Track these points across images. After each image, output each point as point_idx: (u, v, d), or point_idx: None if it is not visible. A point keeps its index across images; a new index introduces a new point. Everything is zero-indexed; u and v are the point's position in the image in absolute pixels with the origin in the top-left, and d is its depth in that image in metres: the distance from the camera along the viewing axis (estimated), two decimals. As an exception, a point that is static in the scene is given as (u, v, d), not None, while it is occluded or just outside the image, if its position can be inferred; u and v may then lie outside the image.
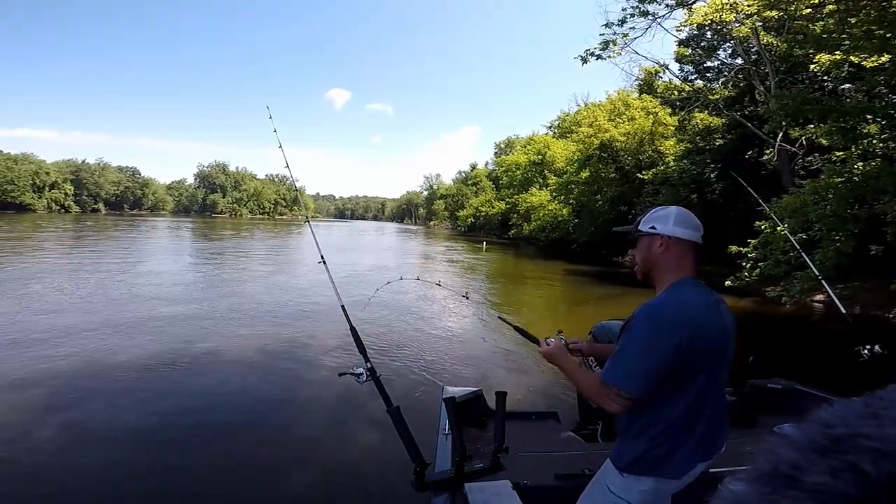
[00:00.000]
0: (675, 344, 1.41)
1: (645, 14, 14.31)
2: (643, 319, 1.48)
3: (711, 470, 1.92)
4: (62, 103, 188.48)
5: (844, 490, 0.25)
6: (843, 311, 3.28)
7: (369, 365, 2.16)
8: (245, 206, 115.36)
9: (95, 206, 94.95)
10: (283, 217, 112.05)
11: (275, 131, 2.91)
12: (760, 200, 4.00)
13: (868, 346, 2.84)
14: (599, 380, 1.51)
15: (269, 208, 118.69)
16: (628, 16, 14.39)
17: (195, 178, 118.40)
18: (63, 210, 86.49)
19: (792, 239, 5.17)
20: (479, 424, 2.97)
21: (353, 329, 2.29)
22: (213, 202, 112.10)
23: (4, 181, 78.63)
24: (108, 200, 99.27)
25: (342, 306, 2.37)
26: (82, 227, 39.36)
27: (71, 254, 18.72)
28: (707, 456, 1.54)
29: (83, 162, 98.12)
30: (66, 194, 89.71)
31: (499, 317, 2.47)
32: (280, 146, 2.87)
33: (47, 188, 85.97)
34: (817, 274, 3.88)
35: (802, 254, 4.03)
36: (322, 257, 2.54)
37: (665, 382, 1.45)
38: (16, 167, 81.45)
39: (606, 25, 14.79)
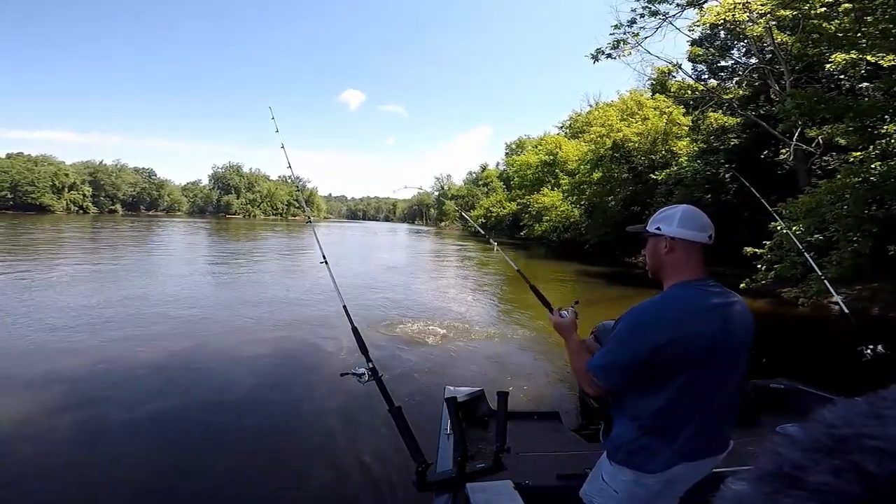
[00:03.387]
0: (649, 346, 1.46)
1: (655, 14, 14.18)
2: (626, 318, 1.56)
3: (714, 470, 1.92)
4: (80, 105, 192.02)
5: (848, 490, 0.25)
6: (847, 311, 3.25)
7: (371, 365, 2.18)
8: (258, 207, 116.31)
9: (113, 207, 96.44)
10: (296, 218, 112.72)
11: (277, 132, 2.93)
12: (765, 203, 3.96)
13: (871, 346, 2.83)
14: (585, 364, 1.61)
15: (282, 209, 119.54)
16: (638, 16, 14.28)
17: (210, 180, 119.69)
18: (81, 211, 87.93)
19: (795, 240, 5.13)
20: (480, 424, 2.97)
21: (354, 329, 2.31)
22: (228, 203, 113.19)
23: (25, 182, 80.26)
24: (125, 201, 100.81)
25: (344, 306, 2.38)
26: (103, 228, 40.03)
27: (94, 255, 19.07)
28: (691, 457, 1.54)
29: (101, 163, 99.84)
30: (84, 195, 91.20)
31: (517, 270, 2.51)
32: (282, 146, 2.89)
33: (66, 189, 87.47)
34: (820, 274, 3.85)
35: (806, 255, 3.98)
36: (324, 258, 2.56)
37: (640, 380, 1.51)
38: (36, 168, 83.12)
39: (616, 26, 14.70)
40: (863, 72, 12.02)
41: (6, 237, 25.18)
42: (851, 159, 10.50)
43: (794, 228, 9.96)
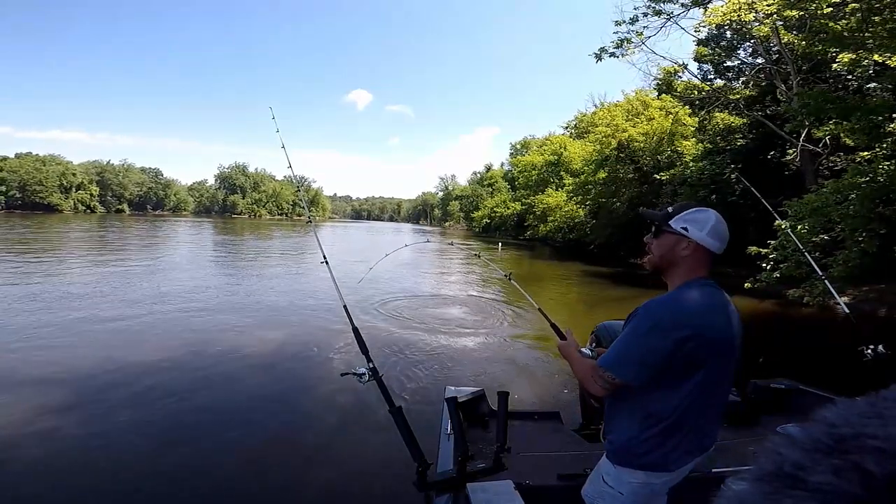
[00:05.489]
0: (672, 340, 1.44)
1: (659, 13, 14.15)
2: (644, 312, 1.52)
3: (713, 470, 1.91)
4: (91, 106, 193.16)
5: (848, 490, 0.25)
6: (847, 311, 3.24)
7: (371, 365, 2.17)
8: (264, 206, 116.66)
9: (120, 207, 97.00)
10: (301, 218, 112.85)
11: (277, 131, 2.95)
12: (765, 202, 3.95)
13: (871, 347, 2.81)
14: (593, 364, 1.58)
15: (288, 209, 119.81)
16: (641, 14, 14.26)
17: (216, 180, 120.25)
18: (89, 210, 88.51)
19: (795, 239, 5.12)
20: (481, 424, 2.97)
21: (355, 329, 2.31)
22: (233, 203, 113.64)
23: (33, 182, 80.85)
24: (132, 201, 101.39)
25: (344, 306, 2.38)
26: (115, 227, 40.31)
27: (102, 253, 19.22)
28: (700, 451, 1.57)
29: (108, 163, 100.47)
30: (91, 195, 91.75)
31: (539, 309, 2.56)
32: (283, 146, 2.91)
33: (74, 189, 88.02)
34: (821, 274, 3.82)
35: (806, 254, 3.96)
36: (325, 258, 2.57)
37: (661, 377, 1.48)
38: (44, 168, 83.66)
39: (618, 24, 14.69)
40: (870, 71, 11.95)
41: (29, 236, 25.41)
42: (859, 160, 10.44)
43: (799, 228, 9.92)
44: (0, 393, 4.82)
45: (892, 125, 9.70)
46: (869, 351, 2.80)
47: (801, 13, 10.82)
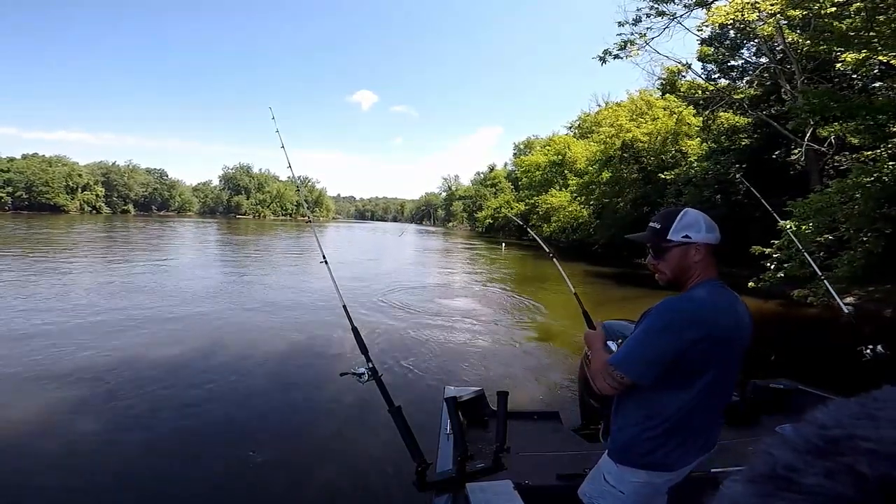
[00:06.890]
0: (684, 340, 1.44)
1: (662, 14, 14.12)
2: (658, 312, 1.52)
3: (712, 470, 1.92)
4: (95, 106, 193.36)
5: (841, 492, 0.25)
6: (846, 311, 3.24)
7: (371, 365, 2.18)
8: (268, 207, 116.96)
9: (125, 208, 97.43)
10: (305, 218, 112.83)
11: (277, 131, 2.96)
12: (765, 203, 3.94)
13: (871, 347, 2.81)
14: (605, 360, 1.56)
15: (291, 210, 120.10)
16: (644, 15, 14.24)
17: (220, 180, 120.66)
18: (94, 211, 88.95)
19: (794, 239, 5.11)
20: (480, 424, 2.97)
21: (354, 329, 2.32)
22: (238, 204, 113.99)
23: (40, 183, 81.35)
24: (137, 202, 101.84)
25: (343, 306, 2.39)
26: (120, 228, 40.54)
27: (114, 254, 19.33)
28: (703, 451, 1.58)
29: (113, 164, 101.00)
30: (97, 196, 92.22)
31: (574, 294, 2.63)
32: (282, 146, 2.91)
33: (80, 190, 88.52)
34: (820, 275, 3.80)
35: (805, 254, 3.96)
36: (324, 257, 2.58)
37: (669, 376, 1.48)
38: (50, 169, 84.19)
39: (620, 24, 14.67)
40: (875, 71, 11.88)
41: (43, 237, 25.59)
42: (863, 159, 10.40)
43: (803, 228, 9.88)
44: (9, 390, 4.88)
45: (897, 125, 9.66)
46: (868, 351, 2.80)
47: (805, 12, 10.77)
